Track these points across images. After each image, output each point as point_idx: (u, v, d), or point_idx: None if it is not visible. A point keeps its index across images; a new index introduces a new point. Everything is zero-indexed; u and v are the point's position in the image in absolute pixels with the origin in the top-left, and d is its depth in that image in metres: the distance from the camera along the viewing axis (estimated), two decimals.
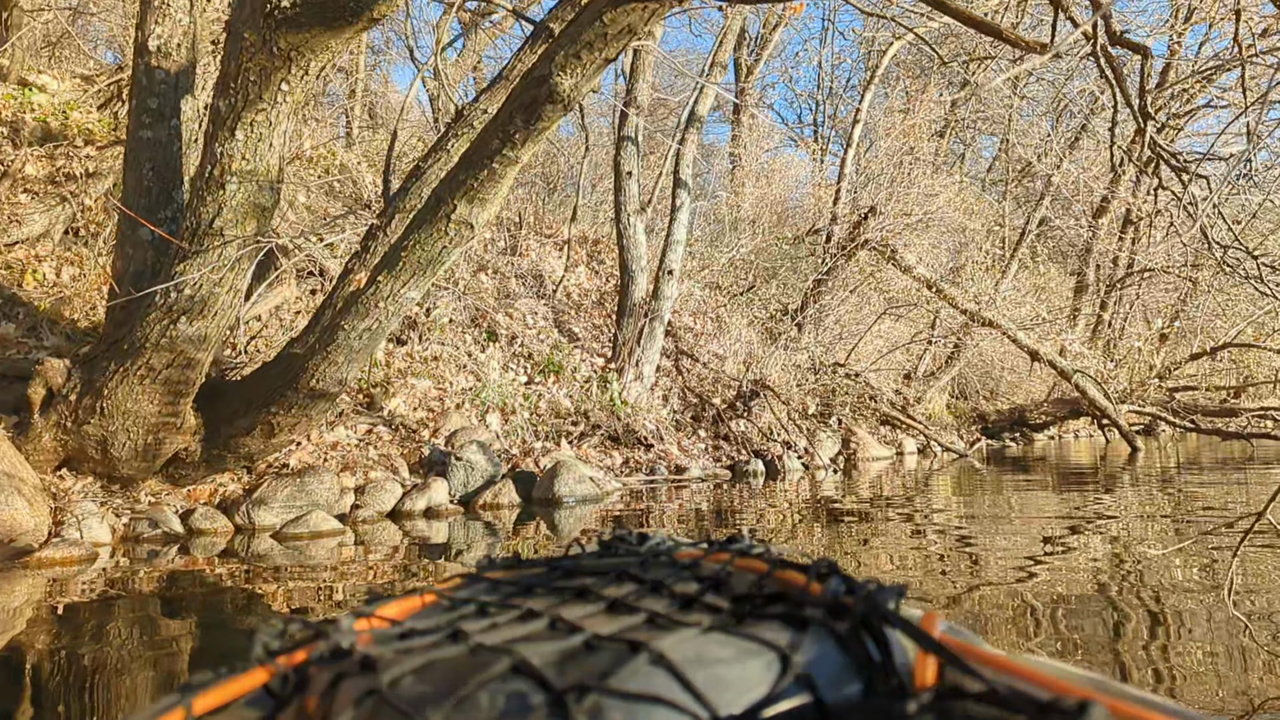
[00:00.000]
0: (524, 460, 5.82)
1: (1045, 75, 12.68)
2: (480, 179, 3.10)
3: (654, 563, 0.62)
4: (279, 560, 3.71)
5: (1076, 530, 4.31)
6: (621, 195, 8.41)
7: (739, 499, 5.91)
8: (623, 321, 8.10)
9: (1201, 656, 2.18)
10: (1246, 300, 13.23)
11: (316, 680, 0.46)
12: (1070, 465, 9.02)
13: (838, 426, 10.22)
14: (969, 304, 10.89)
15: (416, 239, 3.32)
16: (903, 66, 16.11)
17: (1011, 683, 0.43)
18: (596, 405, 7.22)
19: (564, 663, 0.43)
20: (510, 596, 0.57)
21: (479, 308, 7.45)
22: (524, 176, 9.57)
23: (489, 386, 6.45)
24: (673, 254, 8.34)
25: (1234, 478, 6.95)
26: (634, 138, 8.60)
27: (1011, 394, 17.50)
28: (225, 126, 3.26)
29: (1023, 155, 16.06)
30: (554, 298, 8.95)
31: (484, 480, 5.18)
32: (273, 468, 4.59)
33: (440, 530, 4.50)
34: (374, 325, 3.55)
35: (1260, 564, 3.30)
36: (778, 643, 0.44)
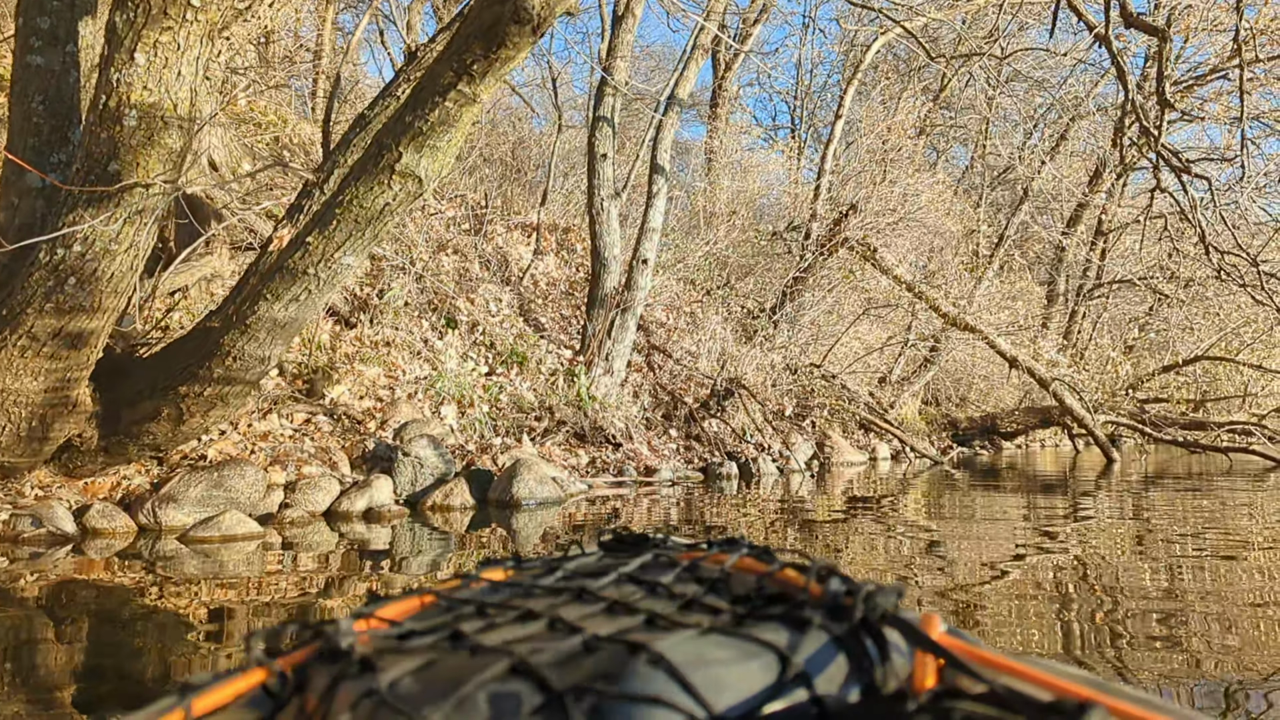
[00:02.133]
0: (480, 457, 5.30)
1: (1034, 74, 12.45)
2: (430, 122, 2.59)
3: (653, 564, 0.61)
4: (186, 568, 3.16)
5: (1083, 542, 3.94)
6: (595, 178, 7.91)
7: (713, 503, 5.46)
8: (593, 312, 7.60)
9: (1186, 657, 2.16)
10: (1221, 312, 13.15)
11: (315, 681, 0.46)
12: (1047, 475, 8.74)
13: (812, 430, 9.85)
14: (949, 307, 10.60)
15: (353, 193, 2.80)
16: (881, 70, 15.86)
17: (1011, 684, 0.42)
18: (562, 400, 6.72)
19: (563, 664, 0.43)
20: (509, 597, 0.56)
21: (438, 291, 6.89)
22: (491, 153, 9.02)
23: (445, 376, 5.91)
24: (648, 243, 7.87)
25: (1220, 490, 6.68)
26: (609, 119, 8.11)
27: (982, 401, 17.37)
28: (123, 48, 2.70)
29: (1000, 160, 15.89)
30: (520, 285, 8.42)
31: (434, 479, 4.65)
32: (188, 459, 4.01)
33: (381, 534, 3.97)
34: (302, 295, 3.02)
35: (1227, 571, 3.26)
36: (777, 644, 0.44)
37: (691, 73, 8.69)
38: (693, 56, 8.78)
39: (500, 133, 9.61)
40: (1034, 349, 12.30)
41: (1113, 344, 17.01)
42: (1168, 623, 2.48)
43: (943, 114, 16.28)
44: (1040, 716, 0.36)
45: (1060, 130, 13.59)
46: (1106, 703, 0.40)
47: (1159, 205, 6.97)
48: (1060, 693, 0.42)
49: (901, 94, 13.70)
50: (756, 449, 7.94)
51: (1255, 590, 2.92)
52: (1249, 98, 7.54)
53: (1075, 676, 0.45)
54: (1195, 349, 13.52)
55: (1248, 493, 6.58)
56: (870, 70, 14.72)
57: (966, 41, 11.10)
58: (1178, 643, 2.27)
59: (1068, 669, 0.48)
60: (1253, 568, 3.34)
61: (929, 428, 14.38)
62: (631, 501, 5.46)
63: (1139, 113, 5.86)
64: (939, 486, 7.17)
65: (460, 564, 3.46)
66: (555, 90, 8.73)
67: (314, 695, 0.45)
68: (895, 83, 14.81)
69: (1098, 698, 0.40)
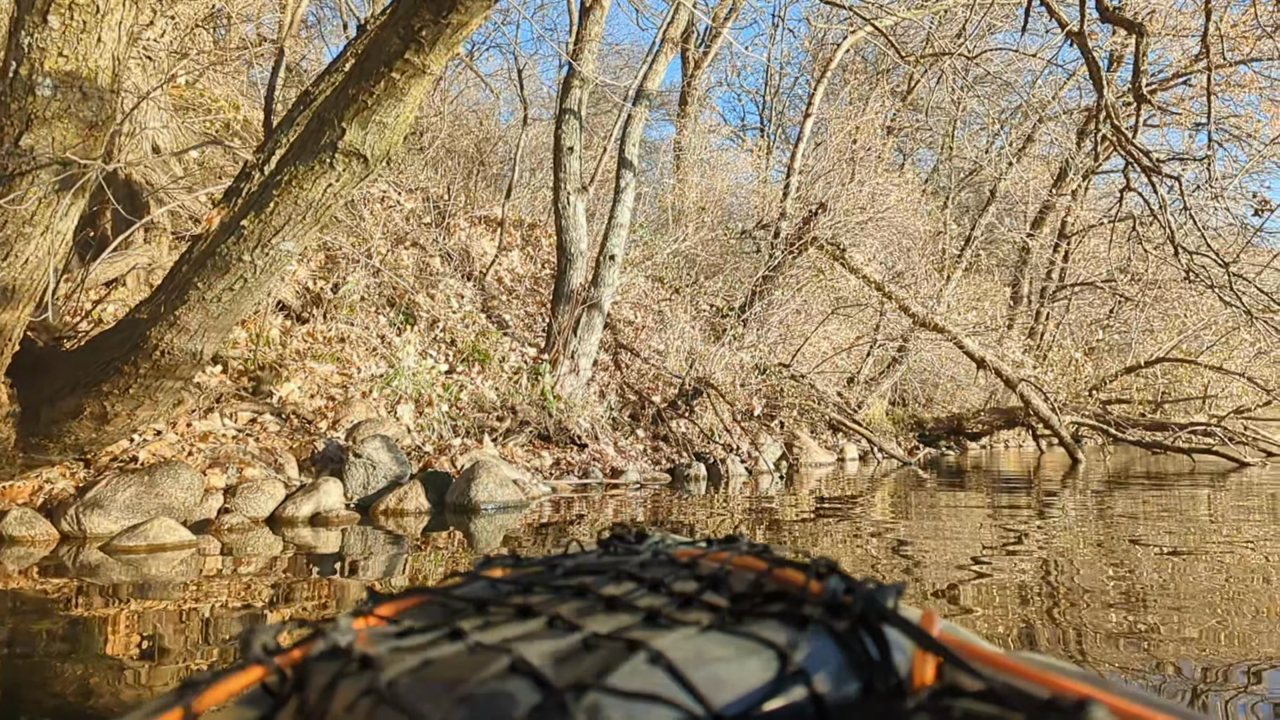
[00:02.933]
0: (438, 459, 5.07)
1: (1002, 75, 12.49)
2: (375, 94, 2.37)
3: (653, 561, 0.62)
4: (110, 578, 2.90)
5: (1055, 541, 3.84)
6: (562, 172, 7.71)
7: (680, 506, 5.29)
8: (559, 308, 7.39)
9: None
10: (1181, 315, 13.33)
11: (315, 679, 0.46)
12: (1015, 475, 8.73)
13: (780, 430, 9.75)
14: (918, 307, 10.57)
15: (292, 173, 2.57)
16: (850, 70, 15.86)
17: (1010, 681, 0.42)
18: (526, 399, 6.50)
19: (562, 661, 0.43)
20: (509, 595, 0.56)
21: (396, 286, 6.64)
22: (454, 144, 8.77)
23: (402, 374, 5.67)
24: (615, 238, 7.69)
25: (1185, 490, 6.69)
26: (576, 112, 7.91)
27: (947, 402, 17.48)
28: (35, 9, 2.45)
29: (967, 162, 15.98)
30: (484, 281, 8.18)
31: (388, 482, 4.41)
32: (118, 461, 3.74)
33: (329, 540, 3.73)
34: (237, 284, 2.78)
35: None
36: (776, 641, 0.44)
37: (660, 66, 8.53)
38: (662, 50, 8.62)
39: (464, 125, 9.35)
40: (999, 349, 12.35)
41: (1075, 345, 17.20)
42: (1136, 616, 2.53)
43: (910, 117, 16.34)
44: (1039, 714, 0.36)
45: (1027, 132, 13.67)
46: (1105, 700, 0.41)
47: (1126, 206, 6.94)
48: (1059, 690, 0.42)
49: (870, 94, 13.68)
50: (725, 450, 7.80)
51: (1221, 586, 3.01)
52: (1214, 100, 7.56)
53: (1074, 674, 0.45)
54: (1156, 351, 13.70)
55: (1210, 491, 6.60)
56: (839, 71, 14.72)
57: (936, 42, 11.09)
58: (1142, 635, 2.34)
59: (1066, 666, 0.47)
60: (1215, 564, 3.42)
61: (896, 428, 14.39)
62: (597, 504, 5.28)
63: (1110, 111, 5.81)
64: (908, 487, 7.11)
65: (415, 570, 3.25)
66: (521, 82, 8.51)
67: (313, 693, 0.45)
68: (864, 83, 14.80)
69: (1096, 695, 0.41)
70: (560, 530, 4.23)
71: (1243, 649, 2.22)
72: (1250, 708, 1.78)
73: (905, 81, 15.65)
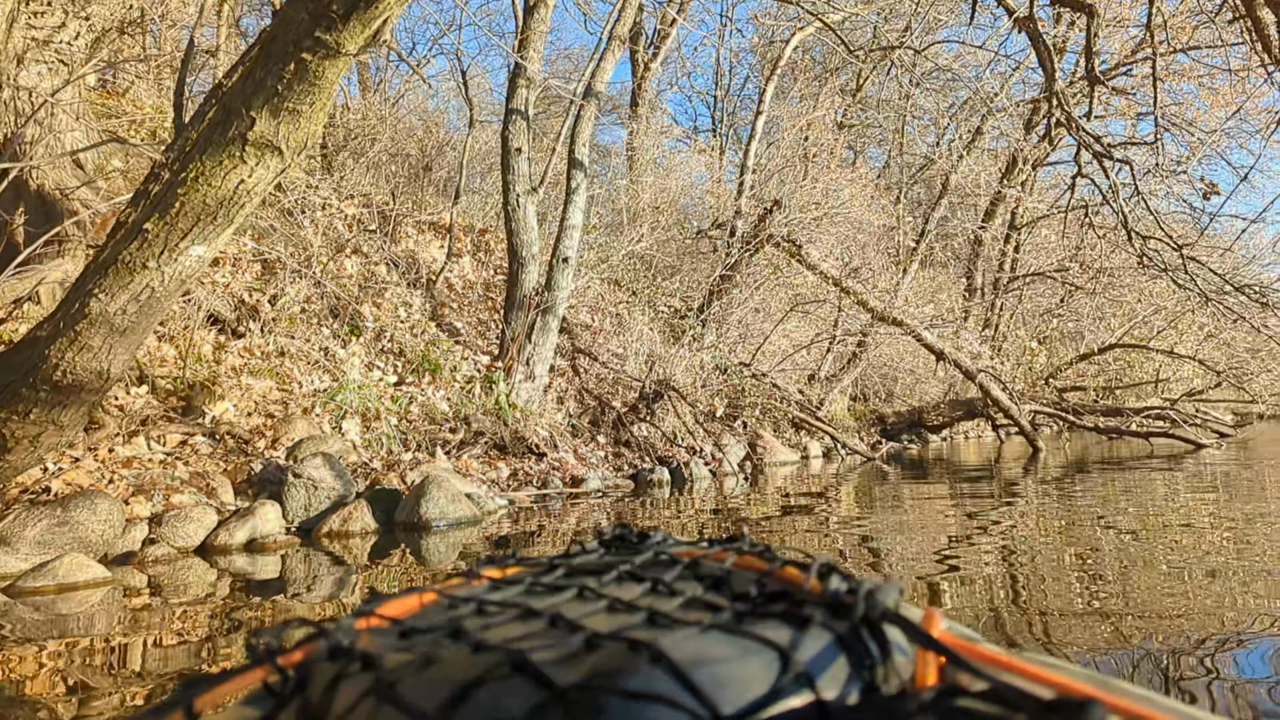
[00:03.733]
0: (386, 476, 4.81)
1: (950, 68, 12.58)
2: (286, 79, 2.15)
3: (655, 562, 0.62)
4: (19, 625, 2.62)
5: (1024, 529, 3.76)
6: (510, 174, 7.48)
7: (645, 512, 5.11)
8: (511, 314, 7.16)
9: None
10: (1131, 301, 13.55)
11: (317, 679, 0.46)
12: (977, 466, 8.73)
13: (743, 430, 9.63)
14: (876, 302, 10.54)
15: (199, 169, 2.33)
16: (800, 68, 15.89)
17: (1013, 681, 0.42)
18: (480, 409, 6.26)
19: (565, 661, 0.43)
20: (511, 595, 0.56)
21: (340, 296, 6.35)
22: (398, 148, 8.48)
23: (347, 387, 5.40)
24: (568, 240, 7.48)
25: (1146, 474, 6.71)
26: (523, 111, 7.70)
27: (907, 396, 17.60)
28: None
29: (917, 157, 16.11)
30: (433, 288, 7.91)
31: (331, 502, 4.15)
32: (29, 493, 3.43)
33: (267, 567, 3.47)
34: (143, 294, 2.52)
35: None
36: (778, 641, 0.44)
37: (608, 64, 8.35)
38: (609, 47, 8.45)
39: (409, 130, 9.07)
40: (956, 341, 12.41)
41: (1029, 335, 17.43)
42: (1101, 598, 2.58)
43: (860, 115, 16.43)
44: (1042, 714, 0.36)
45: (976, 124, 13.80)
46: (1108, 700, 0.41)
47: (1077, 194, 6.95)
48: (1062, 690, 0.42)
49: (820, 92, 13.69)
50: (688, 452, 7.63)
51: (1181, 562, 3.10)
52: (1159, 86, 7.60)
53: (1077, 673, 0.45)
54: (1107, 338, 13.91)
55: (1169, 474, 6.62)
56: (789, 71, 14.72)
57: (884, 36, 11.11)
58: (1107, 613, 2.39)
59: (1070, 666, 0.47)
60: (1188, 544, 3.51)
61: (858, 424, 14.40)
62: (558, 514, 5.07)
63: (1060, 98, 5.79)
64: (873, 482, 7.04)
65: (364, 592, 3.02)
66: (465, 83, 8.26)
67: (315, 693, 0.45)
68: (814, 81, 14.82)
69: (1100, 695, 0.41)
70: (520, 543, 4.02)
71: (1205, 621, 2.29)
72: (1212, 679, 1.84)
73: (854, 79, 15.74)
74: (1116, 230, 11.89)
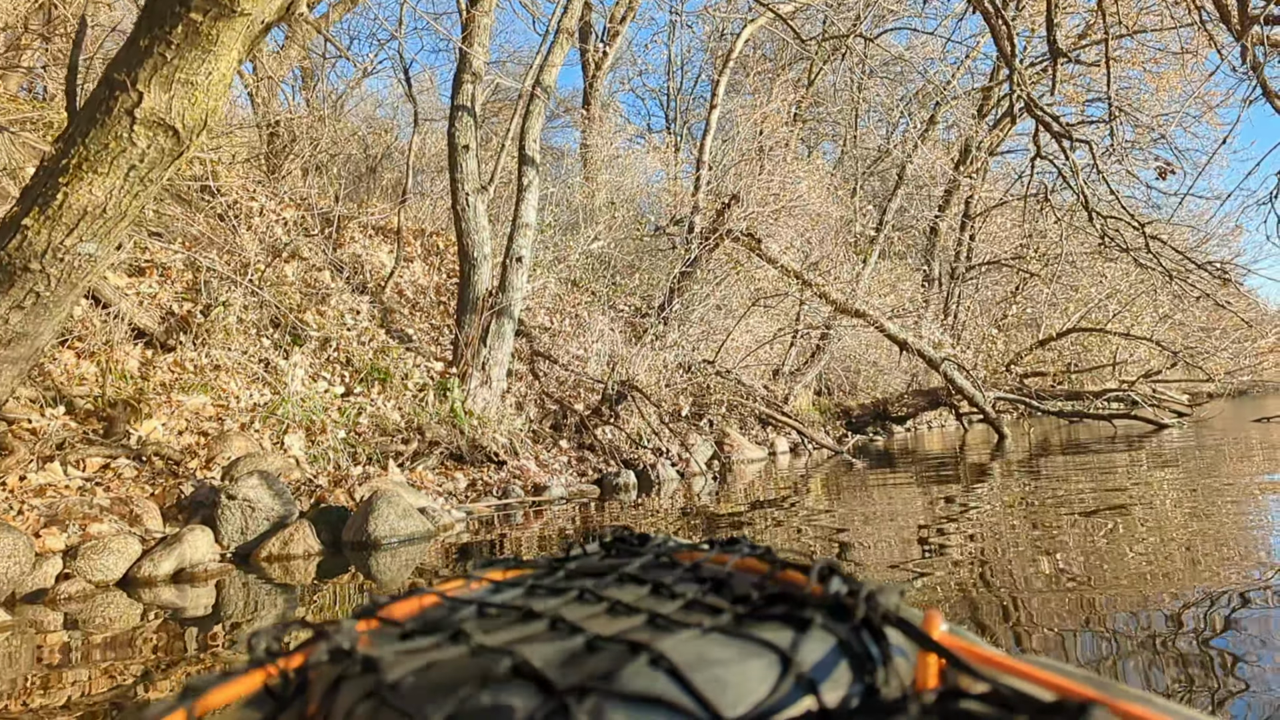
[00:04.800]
0: (333, 492, 4.50)
1: (900, 59, 12.56)
2: (175, 45, 1.87)
3: (655, 564, 0.62)
4: None
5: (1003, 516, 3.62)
6: (458, 172, 7.19)
7: (611, 517, 4.87)
8: (464, 317, 6.87)
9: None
10: (1086, 286, 13.69)
11: (318, 681, 0.46)
12: (945, 455, 8.66)
13: (709, 429, 9.45)
14: (837, 294, 10.44)
15: (82, 155, 2.04)
16: (753, 62, 15.80)
17: (1014, 684, 0.42)
18: (434, 418, 5.96)
19: (565, 663, 0.43)
20: (511, 597, 0.56)
21: (280, 304, 6.00)
22: (340, 148, 8.13)
23: (290, 400, 5.07)
24: (521, 239, 7.21)
25: (1113, 455, 6.67)
26: (470, 107, 7.42)
27: (870, 388, 17.62)
28: None
29: (871, 150, 16.12)
30: (382, 294, 7.58)
31: (270, 524, 3.83)
32: None
33: (199, 599, 3.16)
34: (27, 301, 2.21)
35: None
36: (779, 644, 0.44)
37: (556, 58, 8.10)
38: (557, 41, 8.20)
39: (351, 129, 8.72)
40: (918, 331, 12.39)
41: (987, 323, 17.57)
42: (1079, 578, 2.60)
43: (812, 111, 16.39)
44: (1042, 717, 0.36)
45: (930, 113, 13.82)
46: (1109, 703, 0.41)
47: (1029, 180, 6.88)
48: (1063, 692, 0.42)
49: (774, 84, 13.59)
50: (654, 454, 7.41)
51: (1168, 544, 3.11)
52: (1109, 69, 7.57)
53: (1078, 676, 0.45)
54: (1064, 323, 14.03)
55: (1132, 453, 6.59)
56: (740, 68, 14.61)
57: (835, 25, 11.03)
58: (1072, 588, 2.46)
59: (1070, 668, 0.47)
60: (1164, 523, 3.54)
61: (823, 418, 14.33)
62: (519, 524, 4.81)
63: (1019, 76, 5.69)
64: (843, 476, 6.92)
65: (309, 616, 2.73)
66: (408, 79, 7.94)
67: (316, 696, 0.45)
68: (766, 78, 14.74)
69: (1101, 698, 0.41)
70: (478, 557, 3.75)
71: (1170, 588, 2.42)
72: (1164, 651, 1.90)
73: (806, 74, 15.69)
74: (1074, 214, 11.98)
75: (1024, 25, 10.10)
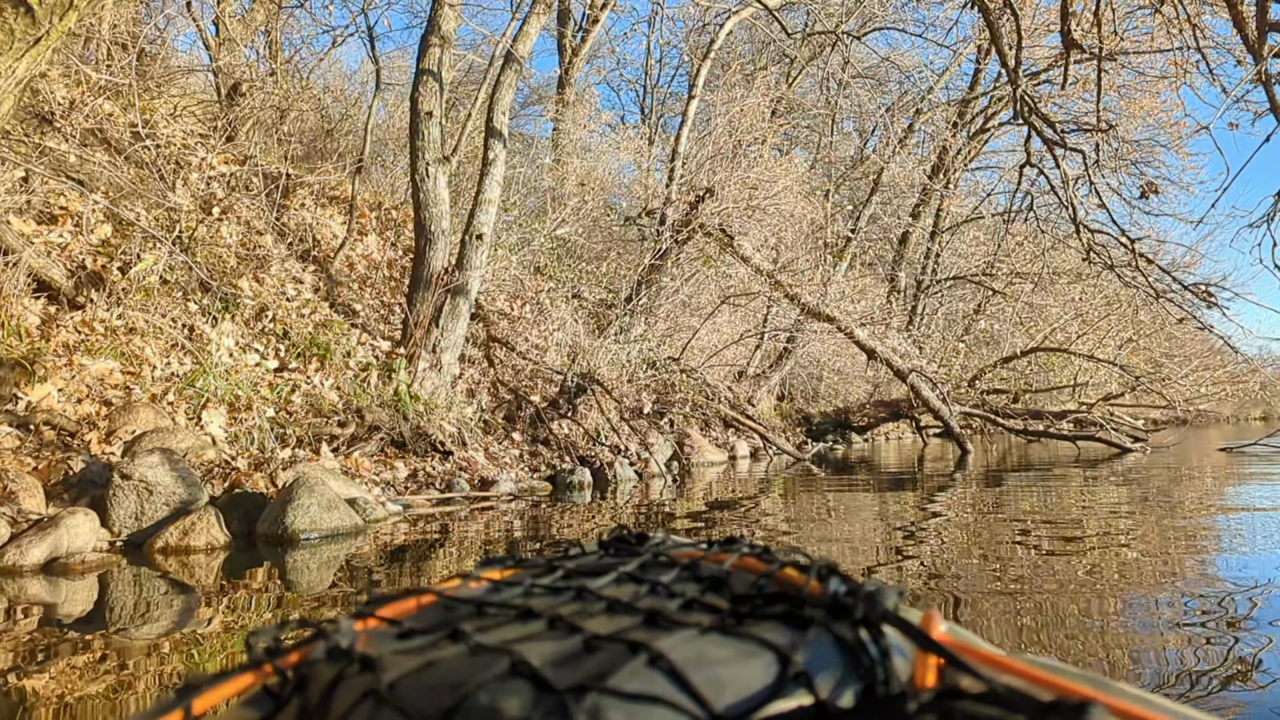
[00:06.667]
0: (251, 477, 4.01)
1: (883, 65, 12.36)
2: None
3: (653, 563, 0.62)
4: None
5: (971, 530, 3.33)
6: (420, 140, 6.71)
7: (561, 519, 4.47)
8: (416, 295, 6.38)
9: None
10: (1053, 306, 13.65)
11: (316, 680, 0.46)
12: (908, 468, 8.43)
13: (670, 429, 9.10)
14: (808, 297, 10.16)
15: None
16: (732, 56, 15.51)
17: (1011, 683, 0.42)
18: (376, 400, 5.49)
19: (563, 663, 0.43)
20: (509, 596, 0.56)
21: (212, 268, 5.47)
22: (291, 104, 7.56)
23: (212, 372, 4.55)
24: (483, 215, 6.76)
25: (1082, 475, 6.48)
26: (436, 72, 6.93)
27: (832, 396, 17.49)
28: None
29: (846, 155, 15.95)
30: (330, 266, 7.05)
31: (171, 509, 3.34)
32: None
33: (73, 595, 2.67)
34: None
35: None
36: (777, 643, 0.44)
37: (532, 28, 7.65)
38: (534, 10, 7.75)
39: (310, 91, 8.15)
40: (886, 340, 12.21)
41: (952, 337, 17.55)
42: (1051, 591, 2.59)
43: (788, 116, 16.16)
44: (1040, 716, 0.36)
45: (909, 122, 13.65)
46: (1107, 701, 0.41)
47: (996, 196, 6.65)
48: (1061, 691, 0.42)
49: (753, 78, 13.30)
50: (612, 452, 7.02)
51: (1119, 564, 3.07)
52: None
53: (1076, 675, 0.45)
54: (1027, 342, 13.99)
55: (1100, 476, 6.41)
56: (720, 68, 14.29)
57: (819, 23, 10.76)
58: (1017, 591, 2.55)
59: (1068, 667, 0.47)
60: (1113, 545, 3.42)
61: (784, 423, 14.11)
62: (462, 521, 4.38)
63: (1015, 76, 5.43)
64: (804, 484, 6.64)
65: (201, 623, 2.29)
66: (372, 38, 7.43)
67: (314, 694, 0.45)
68: (749, 64, 14.45)
69: (1098, 696, 0.41)
70: (414, 556, 3.32)
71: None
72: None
73: (786, 76, 15.44)
74: (1046, 231, 11.90)
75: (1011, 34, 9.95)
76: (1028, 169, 6.32)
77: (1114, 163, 8.36)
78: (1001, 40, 5.66)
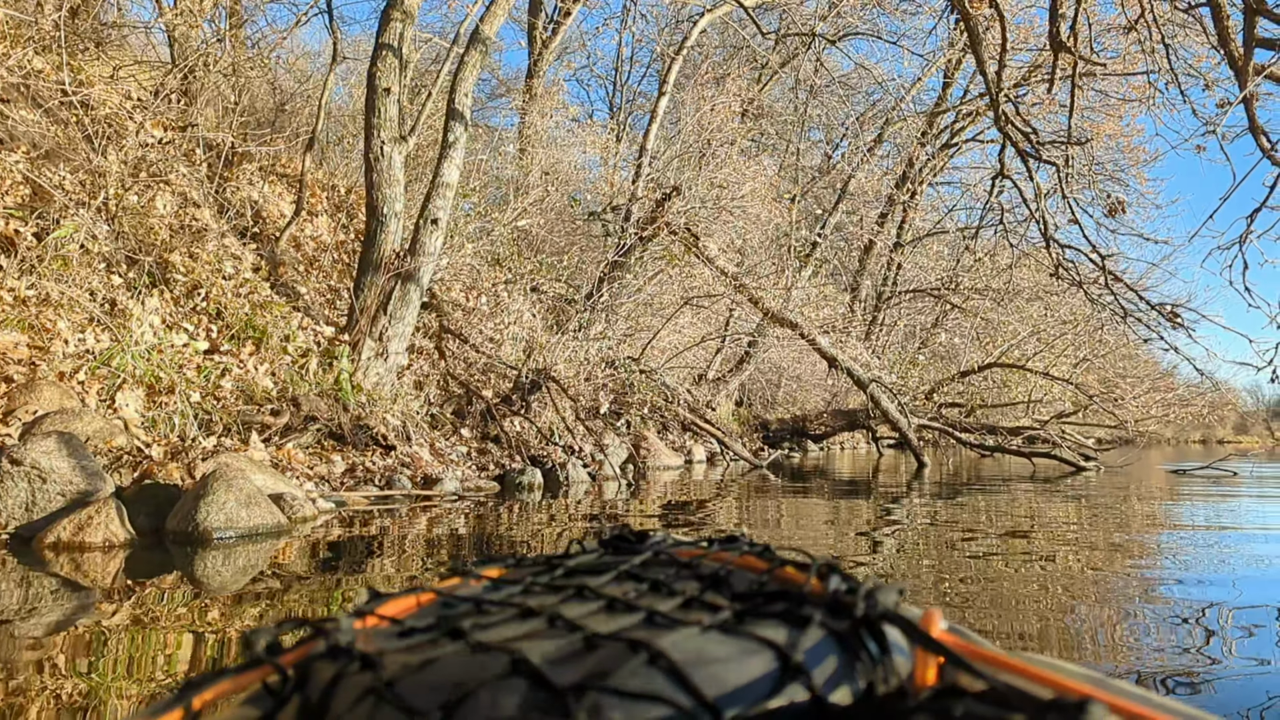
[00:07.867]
0: (164, 466, 3.66)
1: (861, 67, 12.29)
2: None
3: (654, 561, 0.61)
4: None
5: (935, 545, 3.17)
6: (375, 116, 6.37)
7: (507, 522, 4.20)
8: (364, 279, 6.04)
9: None
10: (1010, 322, 13.74)
11: (316, 678, 0.45)
12: (864, 478, 8.33)
13: (627, 430, 8.87)
14: (772, 301, 10.02)
15: None
16: (704, 55, 15.35)
17: (1011, 681, 0.42)
18: (314, 389, 5.15)
19: (563, 661, 0.42)
20: (509, 595, 0.56)
21: (141, 240, 5.07)
22: (239, 73, 7.13)
23: (131, 350, 4.18)
24: (440, 199, 6.44)
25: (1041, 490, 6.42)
26: (395, 47, 6.60)
27: (790, 404, 17.44)
28: None
29: (813, 161, 15.90)
30: (275, 245, 6.66)
31: (67, 499, 3.00)
32: None
33: None
34: None
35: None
36: (777, 641, 0.44)
37: (500, 8, 7.36)
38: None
39: (261, 60, 7.74)
40: (845, 350, 12.14)
41: (911, 349, 17.64)
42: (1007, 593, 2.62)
43: (758, 123, 16.07)
44: (1040, 714, 0.36)
45: (878, 132, 13.63)
46: (1106, 699, 0.41)
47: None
48: (1060, 690, 0.42)
49: (724, 80, 13.15)
50: (566, 452, 6.76)
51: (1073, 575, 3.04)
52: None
53: (1075, 673, 0.45)
54: (983, 357, 14.07)
55: (1058, 492, 6.36)
56: (691, 70, 14.12)
57: (795, 24, 10.64)
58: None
59: (1068, 666, 0.47)
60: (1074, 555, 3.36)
61: (741, 428, 13.98)
62: (402, 520, 4.08)
63: (992, 85, 5.31)
64: (760, 489, 6.48)
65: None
66: (331, 10, 7.05)
67: (315, 692, 0.45)
68: (720, 65, 14.30)
69: (1098, 694, 0.41)
70: (346, 559, 3.02)
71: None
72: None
73: (758, 81, 15.34)
74: (1010, 245, 11.94)
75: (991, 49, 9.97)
76: (1000, 180, 6.22)
77: (1087, 176, 8.37)
78: (981, 47, 5.55)
